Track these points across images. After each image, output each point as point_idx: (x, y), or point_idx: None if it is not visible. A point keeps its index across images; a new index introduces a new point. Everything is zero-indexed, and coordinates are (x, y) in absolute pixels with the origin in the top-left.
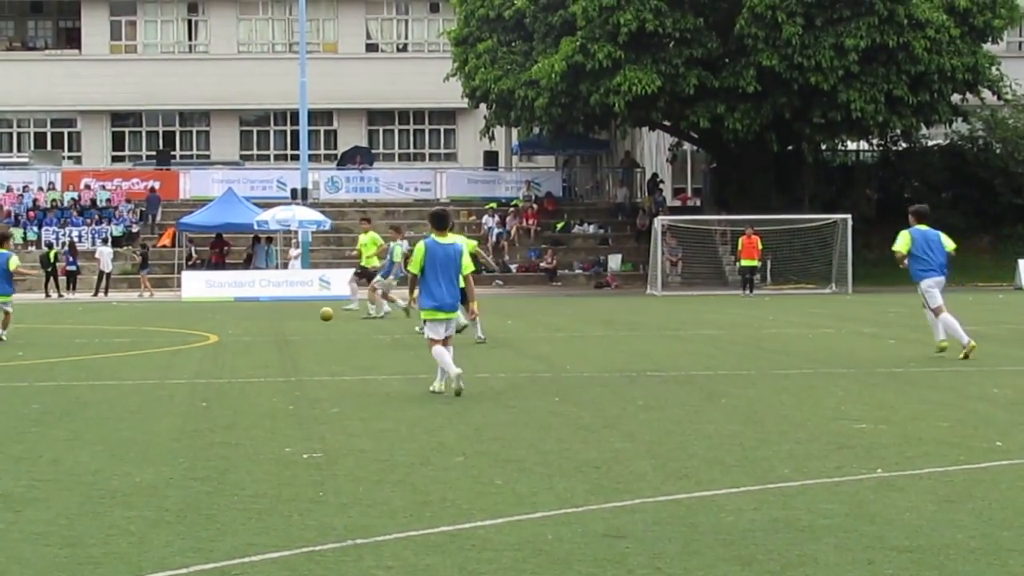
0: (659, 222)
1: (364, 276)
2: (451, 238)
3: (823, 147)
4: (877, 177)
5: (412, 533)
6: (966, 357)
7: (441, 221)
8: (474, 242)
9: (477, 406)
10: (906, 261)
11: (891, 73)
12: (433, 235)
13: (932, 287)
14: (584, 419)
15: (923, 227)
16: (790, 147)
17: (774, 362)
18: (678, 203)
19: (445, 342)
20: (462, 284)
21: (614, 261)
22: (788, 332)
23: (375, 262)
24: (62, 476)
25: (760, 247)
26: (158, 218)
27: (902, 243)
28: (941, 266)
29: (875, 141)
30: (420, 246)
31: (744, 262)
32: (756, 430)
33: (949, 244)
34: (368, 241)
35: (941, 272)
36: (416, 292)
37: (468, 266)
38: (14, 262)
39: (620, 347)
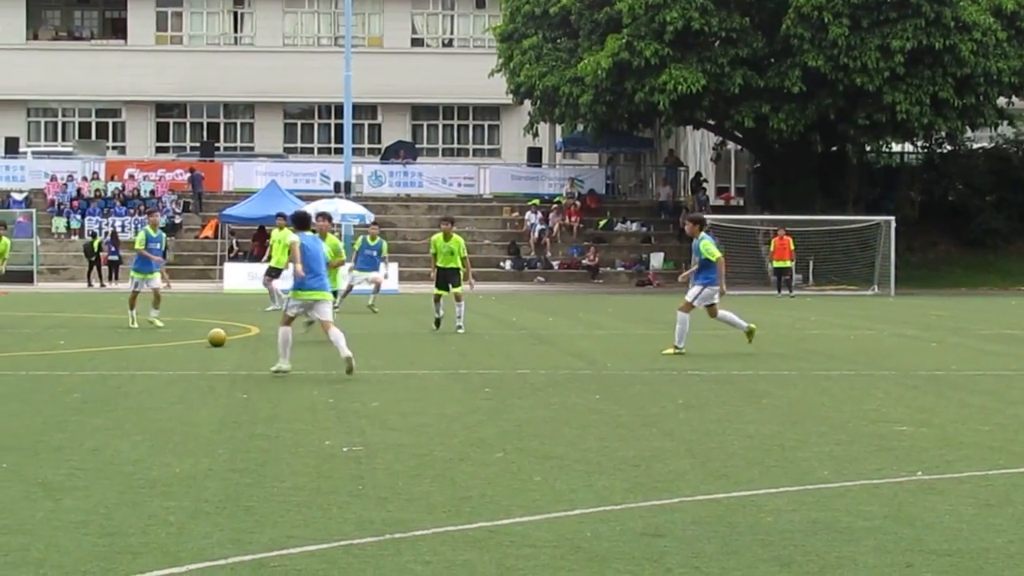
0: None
1: (275, 275)
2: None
3: (867, 148)
4: (921, 179)
5: (450, 528)
6: (752, 336)
7: (303, 222)
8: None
9: (517, 402)
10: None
11: (937, 75)
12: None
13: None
14: (624, 417)
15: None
16: (834, 148)
17: (815, 363)
18: (721, 202)
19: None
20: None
21: (656, 259)
22: (829, 333)
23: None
24: (102, 465)
25: (792, 248)
26: (203, 198)
27: (717, 251)
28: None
29: (920, 143)
30: (296, 239)
31: (776, 263)
32: (796, 431)
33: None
34: (280, 238)
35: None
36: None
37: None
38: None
39: (661, 345)
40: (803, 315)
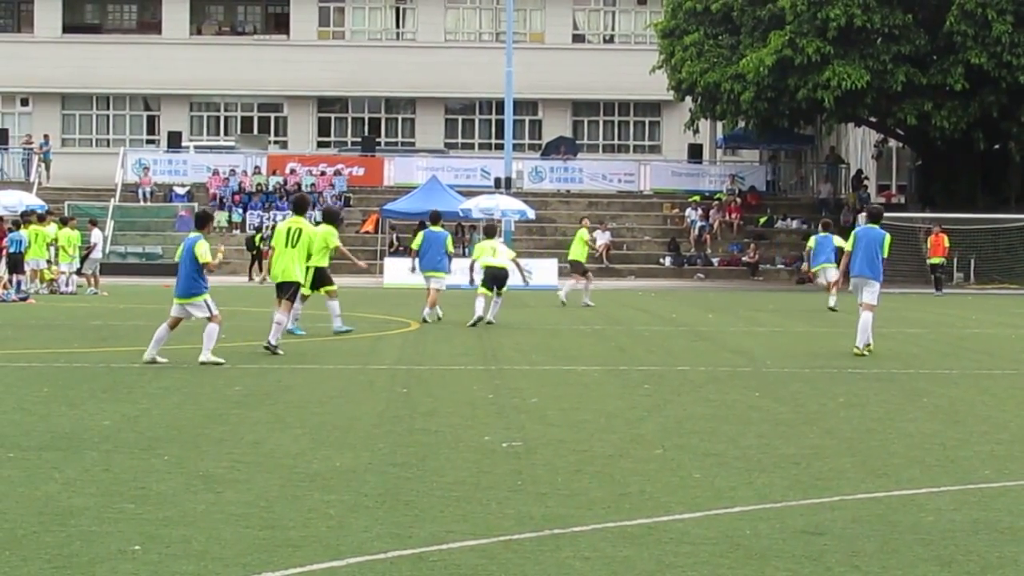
0: (863, 218)
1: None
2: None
3: None
4: None
5: (610, 524)
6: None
7: (201, 221)
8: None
9: (677, 399)
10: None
11: None
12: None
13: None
14: (784, 414)
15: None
16: (997, 146)
17: (976, 362)
18: (882, 200)
19: (175, 323)
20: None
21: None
22: (991, 332)
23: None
24: (263, 458)
25: (947, 244)
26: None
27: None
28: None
29: None
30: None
31: (931, 260)
32: (957, 430)
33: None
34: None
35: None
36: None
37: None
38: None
39: (821, 343)
40: (964, 313)
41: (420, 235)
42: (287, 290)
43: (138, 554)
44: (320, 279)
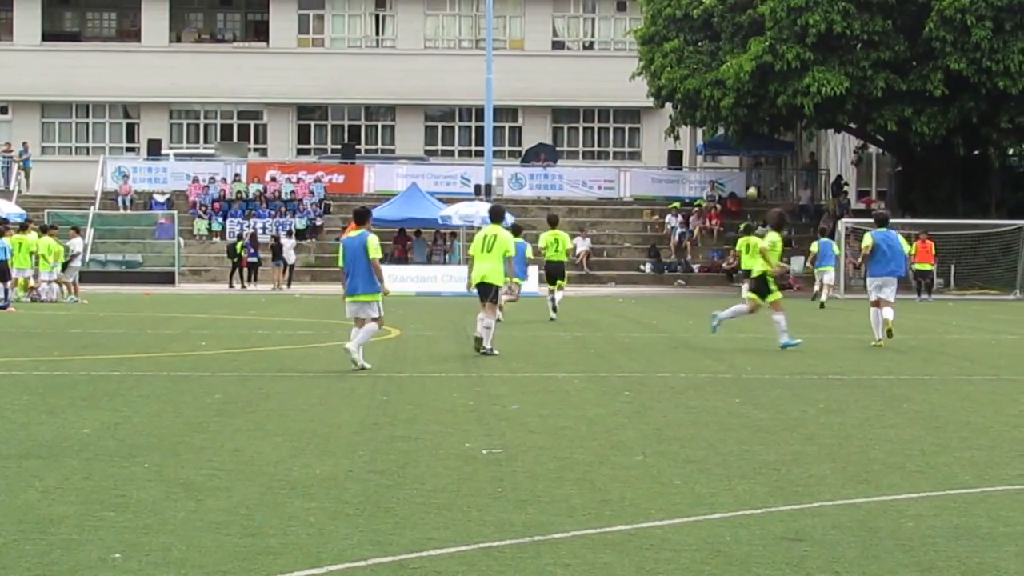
0: (843, 225)
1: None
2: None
3: (1010, 152)
4: None
5: (590, 531)
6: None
7: (362, 217)
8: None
9: (657, 406)
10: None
11: None
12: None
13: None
14: (764, 421)
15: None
16: (976, 152)
17: (956, 368)
18: (862, 206)
19: (362, 324)
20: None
21: (796, 263)
22: (971, 338)
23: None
24: (243, 466)
25: (934, 252)
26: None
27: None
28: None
29: None
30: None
31: (917, 266)
32: (937, 436)
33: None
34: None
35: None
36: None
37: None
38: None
39: (801, 349)
40: (944, 319)
41: None
42: (486, 293)
43: (119, 562)
44: (761, 287)
